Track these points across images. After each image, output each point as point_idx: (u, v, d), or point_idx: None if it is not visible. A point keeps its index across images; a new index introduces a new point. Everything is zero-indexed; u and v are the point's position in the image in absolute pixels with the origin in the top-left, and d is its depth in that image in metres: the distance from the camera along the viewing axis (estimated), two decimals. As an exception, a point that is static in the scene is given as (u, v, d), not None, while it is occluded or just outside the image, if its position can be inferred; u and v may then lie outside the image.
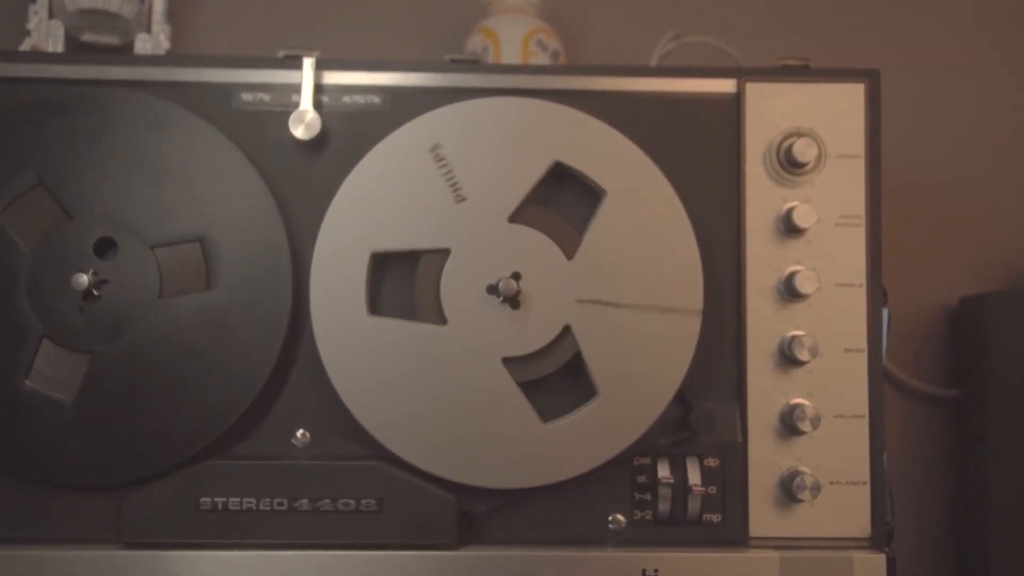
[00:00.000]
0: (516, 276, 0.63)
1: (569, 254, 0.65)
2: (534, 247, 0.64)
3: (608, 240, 0.65)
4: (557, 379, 0.65)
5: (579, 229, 0.66)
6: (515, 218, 0.65)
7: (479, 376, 0.64)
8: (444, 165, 0.64)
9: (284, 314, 0.64)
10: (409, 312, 0.64)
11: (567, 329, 0.64)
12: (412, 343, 0.63)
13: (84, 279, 0.62)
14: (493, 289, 0.63)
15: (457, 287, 0.64)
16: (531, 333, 0.64)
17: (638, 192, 0.65)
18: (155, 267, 0.64)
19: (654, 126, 0.68)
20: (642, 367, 0.64)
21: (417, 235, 0.64)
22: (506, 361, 0.64)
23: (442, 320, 0.64)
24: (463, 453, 0.63)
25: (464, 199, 0.64)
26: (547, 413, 0.64)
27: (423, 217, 0.64)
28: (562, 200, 0.67)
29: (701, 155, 0.68)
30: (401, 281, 0.66)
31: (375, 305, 0.65)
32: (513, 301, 0.63)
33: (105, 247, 0.64)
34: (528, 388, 0.64)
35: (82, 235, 0.64)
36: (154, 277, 0.64)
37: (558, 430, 0.63)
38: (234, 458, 0.64)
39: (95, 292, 0.63)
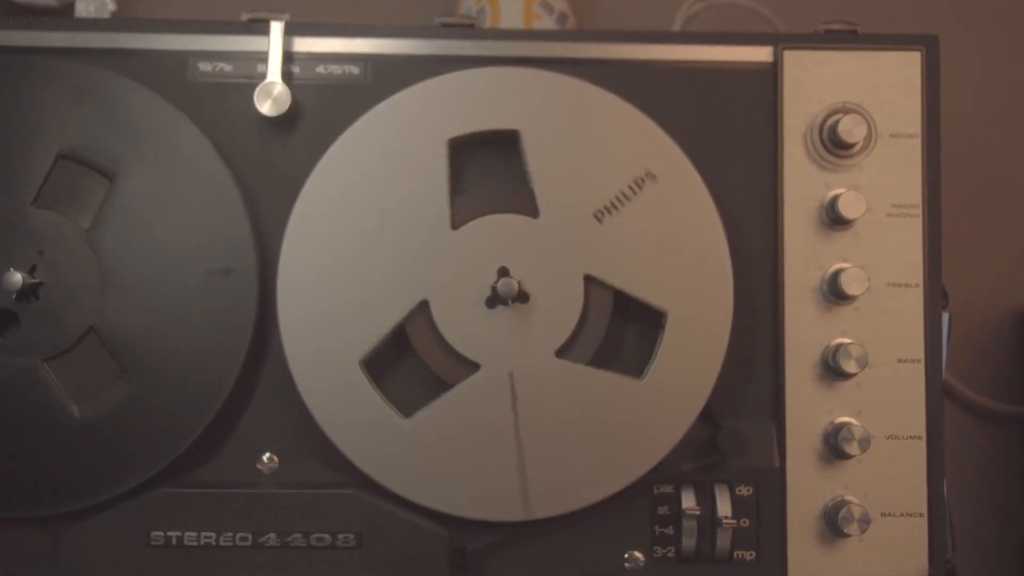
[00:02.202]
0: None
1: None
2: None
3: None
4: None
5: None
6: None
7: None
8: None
9: (248, 319, 0.64)
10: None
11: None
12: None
13: (18, 278, 0.62)
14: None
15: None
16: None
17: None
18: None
19: (677, 101, 0.68)
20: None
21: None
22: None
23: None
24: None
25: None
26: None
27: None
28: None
29: (732, 135, 0.68)
30: None
31: None
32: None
33: (37, 243, 0.64)
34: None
35: (11, 228, 0.64)
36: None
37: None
38: (190, 485, 0.63)
39: (31, 296, 0.63)
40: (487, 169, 0.67)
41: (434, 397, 0.64)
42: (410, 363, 0.65)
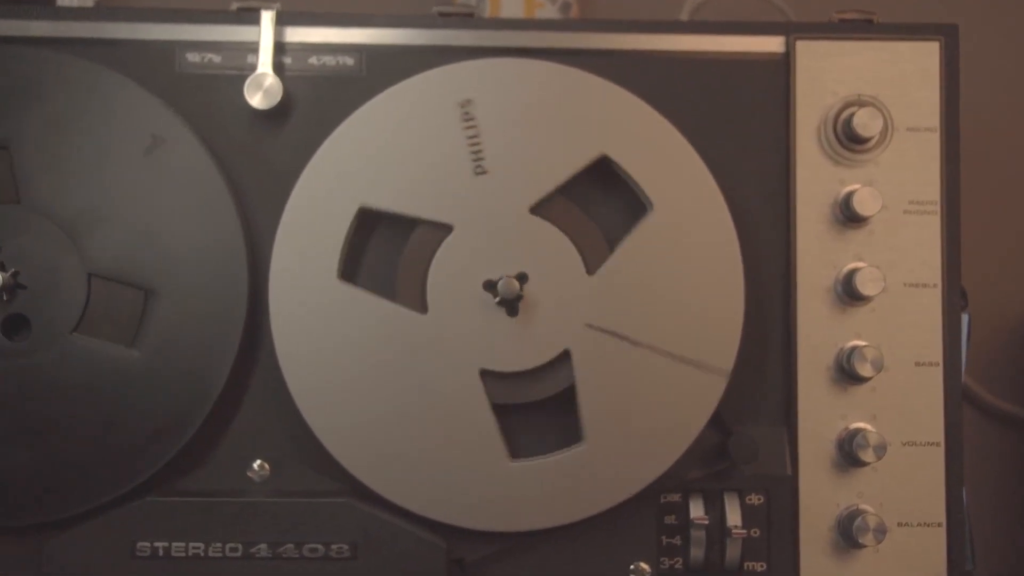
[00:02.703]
0: (522, 277, 0.63)
1: (591, 267, 0.64)
2: (552, 249, 0.64)
3: (641, 263, 0.64)
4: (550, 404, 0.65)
5: (610, 240, 0.65)
6: (539, 209, 0.64)
7: (453, 386, 0.63)
8: (471, 127, 0.64)
9: (238, 320, 0.64)
10: (388, 294, 0.64)
11: (566, 355, 0.64)
12: (384, 328, 0.63)
13: (-2, 278, 0.61)
14: (491, 286, 0.62)
15: (450, 273, 0.64)
16: (522, 349, 0.63)
17: (689, 214, 0.64)
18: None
19: (685, 93, 0.67)
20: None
21: (418, 199, 0.64)
22: (485, 375, 0.63)
23: (422, 307, 0.63)
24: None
25: (484, 172, 0.64)
26: (560, 439, 0.64)
27: (429, 181, 0.64)
28: (597, 200, 0.66)
29: (742, 129, 0.67)
30: (384, 260, 0.65)
31: (349, 273, 0.64)
32: (511, 306, 0.63)
33: (12, 231, 0.63)
34: (516, 410, 0.64)
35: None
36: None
37: (566, 462, 0.63)
38: (178, 494, 0.63)
39: (4, 295, 0.62)
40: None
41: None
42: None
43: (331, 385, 0.63)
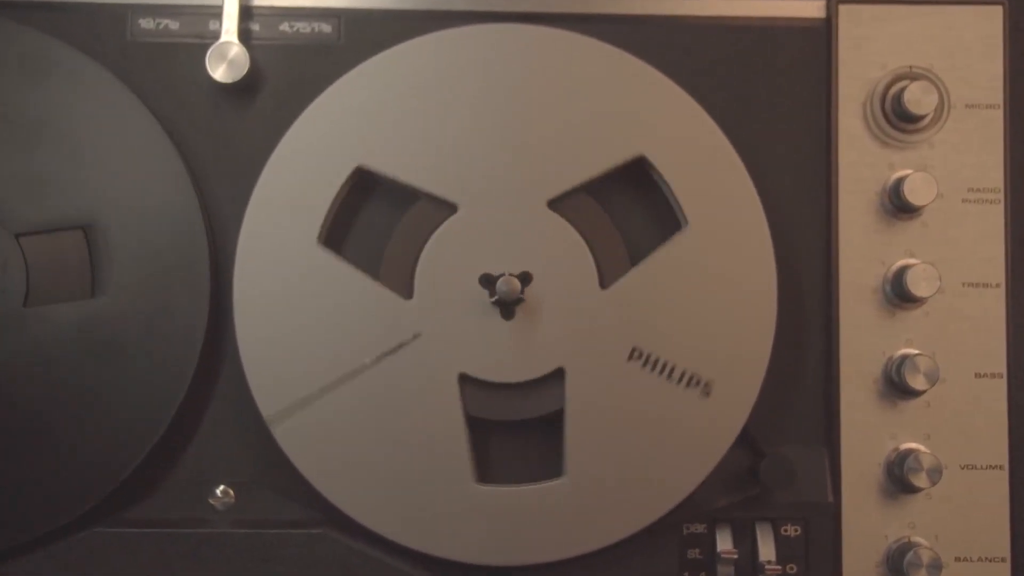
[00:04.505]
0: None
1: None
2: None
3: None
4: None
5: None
6: (558, 205, 0.64)
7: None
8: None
9: (198, 324, 0.63)
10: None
11: (559, 373, 0.63)
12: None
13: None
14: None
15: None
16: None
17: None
18: (20, 262, 0.63)
19: (711, 65, 0.67)
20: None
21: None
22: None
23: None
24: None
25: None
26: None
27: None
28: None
29: (776, 106, 0.67)
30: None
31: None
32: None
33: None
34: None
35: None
36: (18, 277, 0.63)
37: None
38: (130, 524, 0.63)
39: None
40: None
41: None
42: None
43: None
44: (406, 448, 0.62)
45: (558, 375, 0.63)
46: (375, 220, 0.65)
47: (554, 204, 0.64)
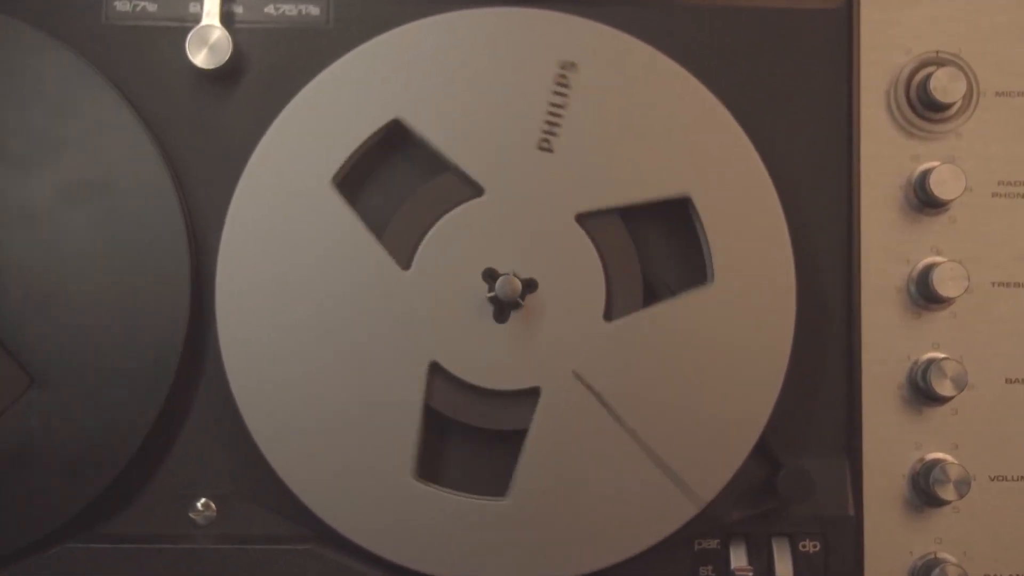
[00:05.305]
0: (530, 285, 0.61)
1: (613, 311, 0.63)
2: (579, 272, 0.63)
3: (670, 337, 0.63)
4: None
5: (648, 290, 0.64)
6: (587, 221, 0.63)
7: (394, 369, 0.62)
8: (561, 94, 0.63)
9: (178, 327, 0.63)
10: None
11: (534, 393, 0.63)
12: (356, 265, 0.62)
13: None
14: (491, 276, 0.61)
15: (454, 240, 0.63)
16: (490, 362, 0.62)
17: (750, 297, 0.63)
18: None
19: (725, 51, 0.67)
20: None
21: (460, 143, 0.63)
22: (434, 371, 0.63)
23: (406, 263, 0.63)
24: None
25: (549, 150, 0.63)
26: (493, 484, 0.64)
27: (481, 129, 0.63)
28: (650, 233, 0.65)
29: (794, 94, 0.67)
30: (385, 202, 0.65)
31: (346, 191, 0.63)
32: (501, 309, 0.62)
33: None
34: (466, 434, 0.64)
35: None
36: None
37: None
38: (105, 540, 0.63)
39: None
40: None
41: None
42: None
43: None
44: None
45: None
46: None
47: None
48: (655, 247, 0.66)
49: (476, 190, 0.63)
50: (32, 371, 0.61)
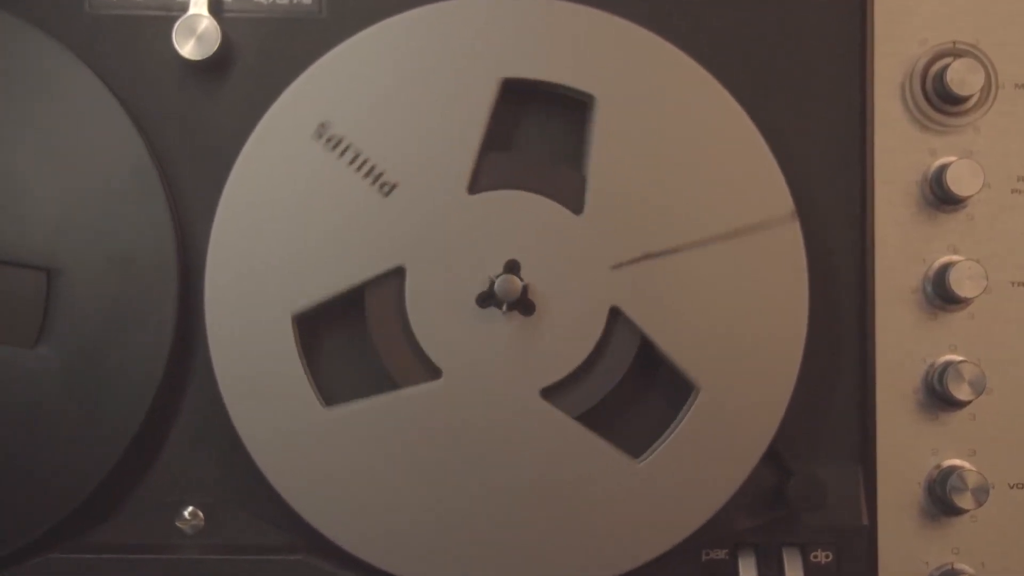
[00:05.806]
0: (513, 267, 0.61)
1: (575, 205, 0.63)
2: (521, 215, 0.63)
3: (626, 165, 0.63)
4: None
5: (577, 164, 0.64)
6: (477, 184, 0.63)
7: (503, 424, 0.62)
8: (341, 149, 0.62)
9: (165, 329, 0.62)
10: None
11: (615, 313, 0.62)
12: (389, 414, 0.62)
13: None
14: (488, 298, 0.61)
15: (436, 316, 0.62)
16: (564, 341, 0.62)
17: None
18: None
19: (734, 42, 0.66)
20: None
21: (345, 266, 0.62)
22: (548, 393, 0.62)
23: (433, 373, 0.62)
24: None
25: (392, 186, 0.62)
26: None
27: (345, 233, 0.62)
28: (528, 133, 0.65)
29: (805, 86, 0.67)
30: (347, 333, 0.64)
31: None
32: (523, 304, 0.61)
33: None
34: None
35: None
36: None
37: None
38: (90, 549, 0.62)
39: None
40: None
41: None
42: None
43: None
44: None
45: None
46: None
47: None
48: (539, 136, 0.65)
49: (397, 272, 0.63)
50: (13, 374, 0.61)
